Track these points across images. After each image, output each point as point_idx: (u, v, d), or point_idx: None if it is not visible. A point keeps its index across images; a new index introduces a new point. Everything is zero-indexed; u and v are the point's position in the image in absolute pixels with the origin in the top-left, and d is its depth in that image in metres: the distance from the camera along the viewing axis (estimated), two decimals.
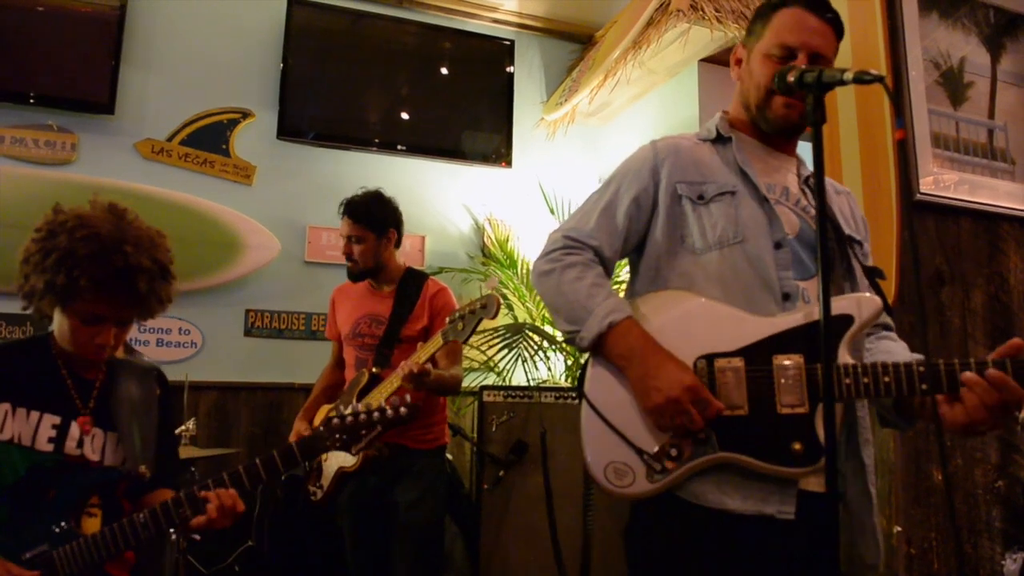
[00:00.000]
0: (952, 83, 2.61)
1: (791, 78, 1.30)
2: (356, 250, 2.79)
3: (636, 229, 1.52)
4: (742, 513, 1.31)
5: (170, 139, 3.96)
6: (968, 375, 1.23)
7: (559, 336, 3.52)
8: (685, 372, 1.33)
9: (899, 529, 2.28)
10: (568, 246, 1.50)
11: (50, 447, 1.65)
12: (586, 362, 1.48)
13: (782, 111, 1.46)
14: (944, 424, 1.27)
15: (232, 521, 1.65)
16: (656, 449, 1.34)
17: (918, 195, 2.41)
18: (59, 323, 1.68)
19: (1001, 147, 2.66)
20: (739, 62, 1.58)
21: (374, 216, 2.81)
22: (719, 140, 1.56)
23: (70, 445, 1.67)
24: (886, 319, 1.55)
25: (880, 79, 1.18)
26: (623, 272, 2.70)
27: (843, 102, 2.49)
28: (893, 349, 1.51)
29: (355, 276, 2.84)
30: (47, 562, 1.56)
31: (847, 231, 1.51)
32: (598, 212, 1.52)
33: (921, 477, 2.32)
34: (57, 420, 1.67)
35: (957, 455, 2.39)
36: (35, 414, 1.66)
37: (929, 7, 2.60)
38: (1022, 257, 2.63)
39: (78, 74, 3.78)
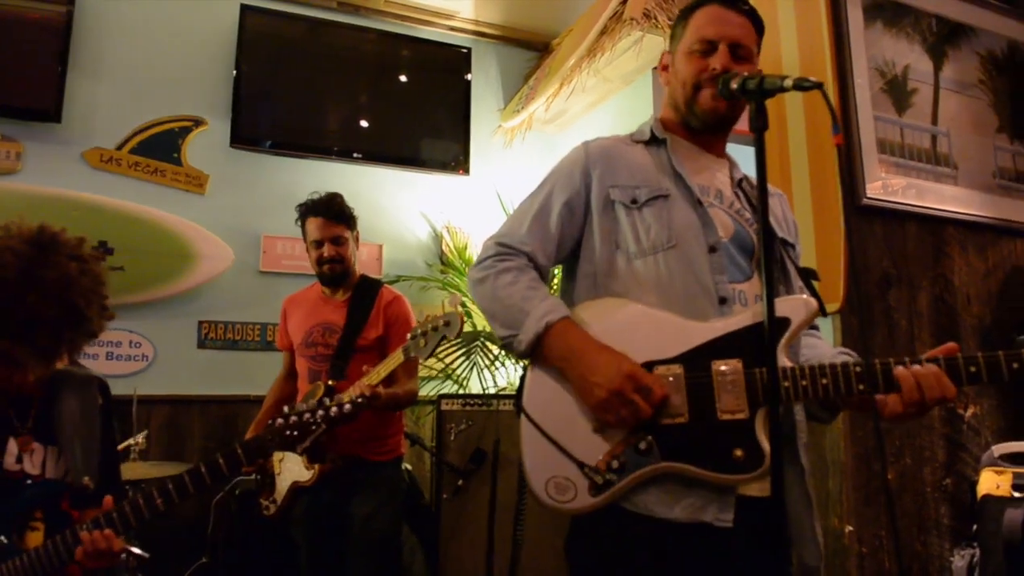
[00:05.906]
0: (897, 90, 2.67)
1: (734, 85, 1.31)
2: (340, 251, 2.74)
3: (570, 234, 1.51)
4: (681, 522, 1.30)
5: (119, 148, 3.87)
6: (901, 370, 1.26)
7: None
8: (623, 360, 1.31)
9: (850, 528, 2.31)
10: (501, 253, 1.48)
11: None
12: (524, 373, 1.45)
13: (710, 104, 1.48)
14: (881, 414, 1.31)
15: (107, 563, 1.60)
16: (597, 461, 1.32)
17: (865, 200, 2.46)
18: None
19: (944, 152, 2.72)
20: (666, 68, 1.61)
21: (347, 213, 2.80)
22: (653, 142, 1.57)
23: (9, 461, 1.65)
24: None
25: (818, 86, 1.21)
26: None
27: (792, 109, 2.54)
28: (818, 346, 1.53)
29: (334, 279, 2.77)
30: None
31: (780, 234, 1.53)
32: (531, 218, 1.51)
33: (871, 477, 2.36)
34: None
35: (906, 454, 2.43)
36: None
37: (874, 17, 2.67)
38: (966, 260, 2.70)
39: (23, 81, 3.67)
